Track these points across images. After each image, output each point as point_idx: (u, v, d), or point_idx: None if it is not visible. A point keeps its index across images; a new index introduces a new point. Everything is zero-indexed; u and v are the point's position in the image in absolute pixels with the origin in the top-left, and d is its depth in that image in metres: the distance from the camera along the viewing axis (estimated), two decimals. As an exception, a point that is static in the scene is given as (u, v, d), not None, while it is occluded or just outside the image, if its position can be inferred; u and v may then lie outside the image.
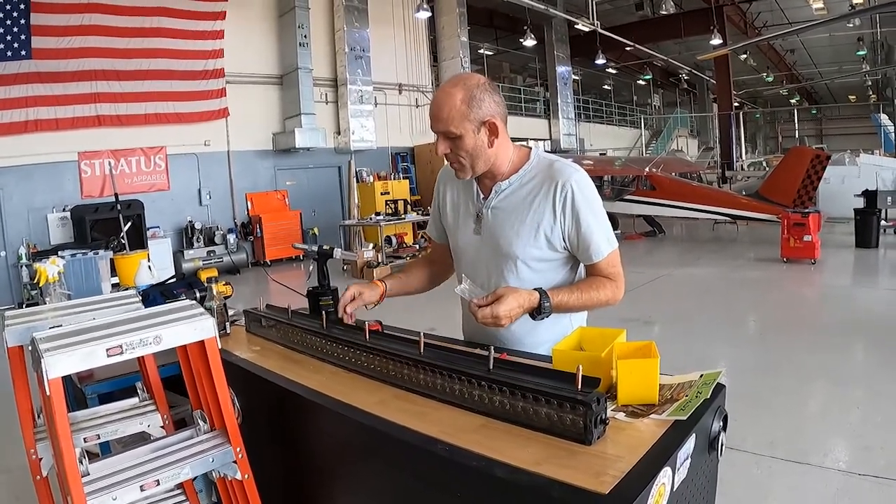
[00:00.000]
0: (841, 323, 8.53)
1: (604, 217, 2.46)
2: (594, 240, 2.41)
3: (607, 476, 1.49)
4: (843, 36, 30.82)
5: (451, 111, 2.28)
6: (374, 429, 1.97)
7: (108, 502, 1.95)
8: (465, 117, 2.28)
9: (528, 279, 2.46)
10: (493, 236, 2.51)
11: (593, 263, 2.46)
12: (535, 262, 2.47)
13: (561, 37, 28.96)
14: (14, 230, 14.19)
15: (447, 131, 2.32)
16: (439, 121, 2.32)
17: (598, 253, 2.43)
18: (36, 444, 2.46)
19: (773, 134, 53.38)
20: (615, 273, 2.49)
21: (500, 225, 2.49)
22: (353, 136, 19.94)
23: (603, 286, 2.46)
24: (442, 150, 2.40)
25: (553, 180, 2.39)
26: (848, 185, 16.60)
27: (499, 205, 2.49)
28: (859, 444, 4.96)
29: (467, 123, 2.29)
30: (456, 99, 2.28)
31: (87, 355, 1.90)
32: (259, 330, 3.19)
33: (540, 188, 2.42)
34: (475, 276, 2.59)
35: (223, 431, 2.25)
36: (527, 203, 2.43)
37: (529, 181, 2.46)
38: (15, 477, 5.23)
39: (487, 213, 2.52)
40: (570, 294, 2.39)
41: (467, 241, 2.64)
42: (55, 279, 4.06)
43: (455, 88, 2.30)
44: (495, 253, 2.51)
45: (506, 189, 2.48)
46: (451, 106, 2.28)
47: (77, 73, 14.77)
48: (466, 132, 2.31)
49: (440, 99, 2.33)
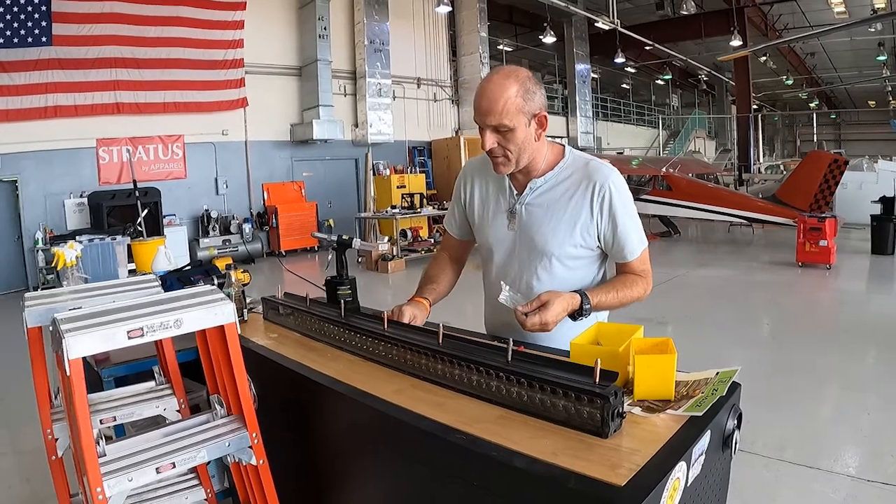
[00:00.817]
0: (854, 328, 8.48)
1: (637, 217, 2.48)
2: (630, 240, 2.45)
3: (623, 469, 1.49)
4: (863, 40, 30.59)
5: (506, 103, 2.23)
6: (391, 417, 1.97)
7: (124, 483, 1.96)
8: (519, 110, 2.25)
9: (560, 276, 2.48)
10: (528, 233, 2.50)
11: (627, 263, 2.50)
12: (570, 259, 2.48)
13: (581, 34, 28.86)
14: (31, 215, 14.30)
15: (500, 124, 2.27)
16: (493, 113, 2.26)
17: (632, 252, 2.48)
18: (52, 425, 2.48)
19: (791, 137, 53.11)
20: (646, 270, 2.55)
21: (535, 222, 2.47)
22: (370, 128, 20.00)
23: (635, 284, 2.49)
24: (490, 144, 2.34)
25: (591, 180, 2.39)
26: (865, 191, 16.46)
27: (534, 201, 2.48)
28: (869, 451, 4.94)
29: (521, 116, 2.26)
30: (511, 91, 2.23)
31: (107, 337, 1.91)
32: (276, 318, 3.21)
33: (577, 187, 2.41)
34: (506, 271, 2.59)
35: (239, 416, 2.26)
36: (563, 201, 2.43)
37: (565, 179, 2.45)
38: (26, 459, 5.28)
39: (522, 210, 2.50)
40: (606, 294, 2.40)
41: (500, 237, 2.61)
42: (73, 263, 4.07)
43: (508, 80, 2.25)
44: (530, 249, 2.50)
45: (541, 186, 2.47)
46: (507, 98, 2.23)
47: (97, 61, 14.87)
48: (519, 125, 2.27)
49: (493, 91, 2.26)
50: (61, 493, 2.59)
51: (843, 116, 50.96)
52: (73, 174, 14.91)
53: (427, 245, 16.27)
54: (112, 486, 1.92)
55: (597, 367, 1.73)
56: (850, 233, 16.60)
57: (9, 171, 14.08)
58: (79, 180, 14.92)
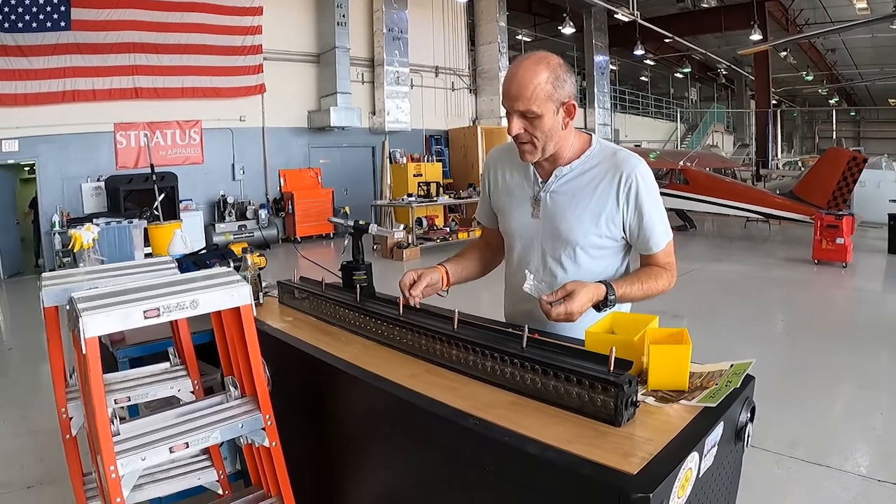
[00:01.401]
0: (869, 327, 8.43)
1: (663, 208, 2.46)
2: (656, 231, 2.43)
3: (636, 457, 1.49)
4: (885, 38, 30.27)
5: (536, 89, 2.21)
6: (405, 401, 1.98)
7: (137, 462, 1.98)
8: (549, 97, 2.23)
9: (584, 265, 2.46)
10: (552, 221, 2.47)
11: (652, 254, 2.49)
12: (594, 249, 2.45)
13: (600, 26, 28.70)
14: (48, 198, 14.40)
15: (528, 110, 2.25)
16: (522, 99, 2.23)
17: (658, 244, 2.46)
18: (67, 404, 2.50)
19: (811, 134, 52.67)
20: (670, 262, 2.52)
21: (560, 210, 2.45)
22: (387, 116, 19.99)
23: (660, 276, 2.47)
24: (517, 130, 2.31)
25: (618, 169, 2.37)
26: (884, 190, 16.34)
27: (559, 189, 2.45)
28: (881, 450, 4.92)
29: (550, 103, 2.24)
30: (541, 77, 2.21)
31: (124, 316, 1.93)
32: (292, 301, 3.22)
33: (604, 176, 2.39)
34: (529, 259, 2.57)
35: (253, 398, 2.28)
36: (589, 190, 2.40)
37: (592, 168, 2.42)
38: (39, 440, 5.32)
39: (546, 198, 2.48)
40: (631, 285, 2.39)
41: (523, 224, 2.58)
42: (90, 245, 4.10)
43: (539, 66, 2.23)
44: (554, 238, 2.48)
45: (567, 174, 2.44)
46: (537, 84, 2.21)
47: (115, 46, 14.92)
48: (547, 112, 2.25)
49: (523, 77, 2.23)
50: (74, 471, 2.61)
51: (863, 114, 50.54)
52: (91, 158, 14.99)
53: (442, 234, 16.26)
54: (125, 465, 1.94)
55: (611, 355, 1.73)
56: (866, 231, 16.47)
57: (27, 154, 14.17)
58: (96, 164, 14.99)
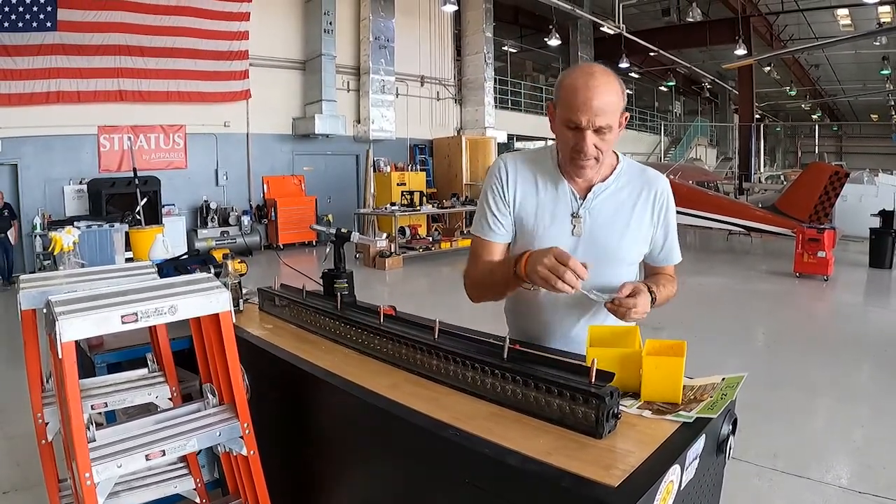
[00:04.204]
0: (850, 341, 8.48)
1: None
2: (675, 245, 2.55)
3: (617, 469, 1.49)
4: (868, 54, 30.60)
5: (613, 101, 2.15)
6: (385, 411, 1.97)
7: (113, 469, 1.96)
8: (618, 109, 2.18)
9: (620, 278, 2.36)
10: (595, 237, 2.39)
11: (667, 266, 2.59)
12: (632, 263, 2.50)
13: (586, 38, 28.90)
14: (30, 200, 14.31)
15: (608, 125, 2.17)
16: (604, 113, 2.14)
17: (677, 256, 2.58)
18: (43, 409, 2.47)
19: (793, 148, 52.99)
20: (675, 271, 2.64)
21: (604, 226, 2.39)
22: (372, 125, 20.05)
23: (672, 283, 2.54)
24: (590, 147, 2.19)
25: (652, 187, 2.43)
26: (865, 204, 16.45)
27: (600, 206, 2.39)
28: (861, 462, 4.94)
29: (618, 116, 2.20)
30: (616, 88, 2.17)
31: (101, 321, 1.91)
32: (272, 309, 3.20)
33: (640, 193, 2.41)
34: None
35: (231, 406, 2.26)
36: (628, 206, 2.40)
37: (626, 185, 2.41)
38: (17, 444, 5.26)
39: (587, 215, 2.39)
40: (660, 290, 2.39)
41: (562, 241, 2.37)
42: (70, 248, 4.06)
43: (612, 78, 2.17)
44: (598, 254, 2.36)
45: (605, 190, 2.39)
46: (614, 95, 2.15)
47: (101, 47, 14.86)
48: (615, 125, 2.20)
49: (603, 89, 2.14)
50: (50, 478, 2.58)
51: (846, 129, 50.92)
52: (74, 160, 14.92)
53: (425, 243, 16.27)
54: (100, 472, 1.92)
55: (592, 367, 1.73)
56: (848, 245, 16.60)
57: (9, 155, 14.07)
58: (79, 167, 14.92)
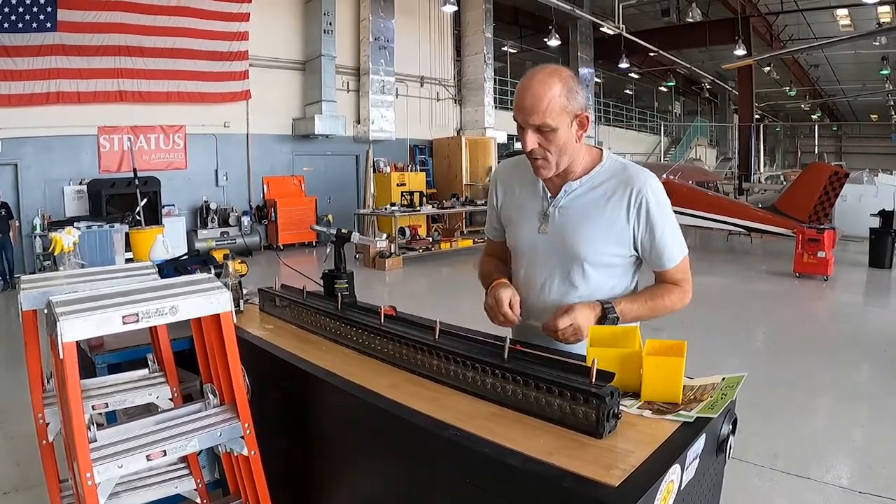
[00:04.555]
0: (850, 340, 8.48)
1: (676, 223, 2.40)
2: (668, 248, 2.38)
3: (618, 469, 1.49)
4: (868, 54, 30.60)
5: (551, 102, 2.17)
6: (385, 411, 1.97)
7: (114, 470, 1.96)
8: (563, 109, 2.19)
9: (594, 282, 2.41)
10: (561, 236, 2.41)
11: (665, 271, 2.44)
12: (604, 266, 2.40)
13: (585, 38, 28.87)
14: (30, 201, 14.29)
15: (544, 123, 2.20)
16: (536, 112, 2.19)
17: (671, 260, 2.40)
18: (44, 409, 2.47)
19: (793, 148, 52.96)
20: (683, 279, 2.47)
21: (569, 225, 2.39)
22: (372, 125, 20.06)
23: (669, 292, 2.44)
24: (532, 144, 2.25)
25: (628, 185, 2.33)
26: (865, 204, 16.43)
27: (569, 204, 2.40)
28: (861, 462, 4.94)
29: (565, 116, 2.20)
30: (556, 90, 2.17)
31: (102, 321, 1.91)
32: (273, 309, 3.20)
33: (614, 191, 2.34)
34: (536, 275, 2.52)
35: (232, 406, 2.26)
36: (599, 205, 2.35)
37: (602, 183, 2.37)
38: (17, 444, 5.26)
39: (555, 213, 2.42)
40: (633, 302, 2.36)
41: (531, 239, 2.50)
42: (70, 249, 4.06)
43: (552, 79, 2.20)
44: (562, 254, 2.41)
45: (576, 189, 2.39)
46: (552, 97, 2.17)
47: (101, 48, 14.85)
48: (562, 125, 2.21)
49: (538, 89, 2.19)
50: (51, 478, 2.58)
51: (845, 129, 50.90)
52: (74, 161, 14.90)
53: (425, 244, 16.27)
54: (101, 473, 1.92)
55: (593, 367, 1.73)
56: (848, 245, 16.59)
57: (9, 156, 14.06)
58: (79, 167, 14.91)
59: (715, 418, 1.77)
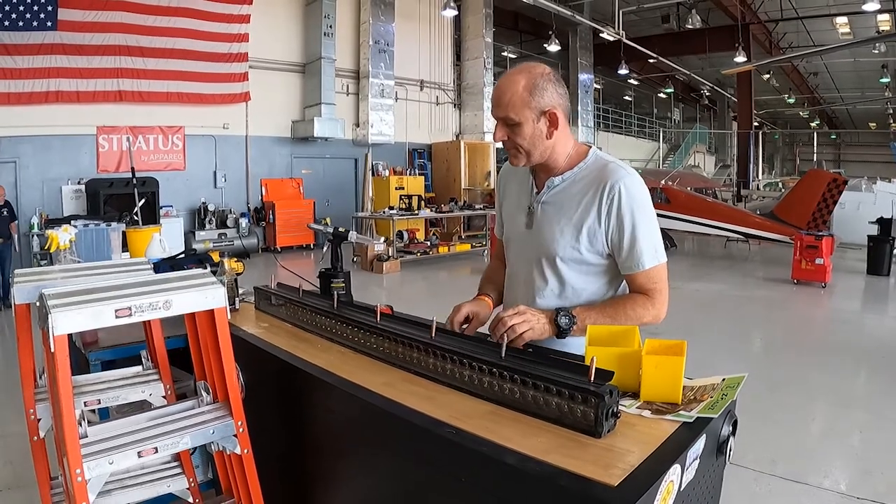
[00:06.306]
0: (847, 346, 8.48)
1: (652, 226, 2.32)
2: (637, 248, 2.29)
3: (616, 469, 1.47)
4: (867, 62, 30.67)
5: (512, 97, 2.24)
6: (380, 409, 1.95)
7: (105, 466, 1.93)
8: (525, 104, 2.23)
9: (569, 281, 2.39)
10: (540, 232, 2.43)
11: (633, 275, 2.34)
12: (576, 263, 2.38)
13: (585, 44, 28.93)
14: (28, 200, 14.26)
15: (507, 117, 2.27)
16: (500, 106, 2.27)
17: (639, 263, 2.30)
18: (35, 405, 2.45)
19: (791, 156, 53.07)
20: (655, 290, 2.35)
21: (547, 221, 2.41)
22: (371, 129, 20.05)
23: (634, 302, 2.35)
24: (499, 137, 2.34)
25: (603, 181, 2.29)
26: (863, 212, 16.45)
27: (549, 200, 2.41)
28: (859, 468, 4.94)
29: (527, 111, 2.24)
30: (519, 85, 2.23)
31: (95, 314, 1.89)
32: (268, 308, 3.19)
33: (590, 188, 2.32)
34: (518, 270, 2.56)
35: (226, 404, 2.24)
36: (575, 201, 2.34)
37: (581, 179, 2.36)
38: (9, 442, 5.24)
39: (538, 208, 2.44)
40: (591, 310, 2.32)
41: (517, 234, 2.55)
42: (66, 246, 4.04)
43: (520, 75, 2.25)
44: (539, 249, 2.43)
45: (558, 185, 2.40)
46: (514, 92, 2.23)
47: (101, 48, 14.85)
48: (526, 120, 2.25)
49: (503, 84, 2.28)
50: (41, 475, 2.55)
51: (844, 137, 51.08)
52: (72, 160, 14.89)
53: (423, 248, 16.24)
54: (92, 468, 1.89)
55: (592, 366, 1.71)
56: (846, 252, 16.61)
57: (8, 154, 14.03)
58: (77, 167, 14.89)
59: (715, 419, 1.75)
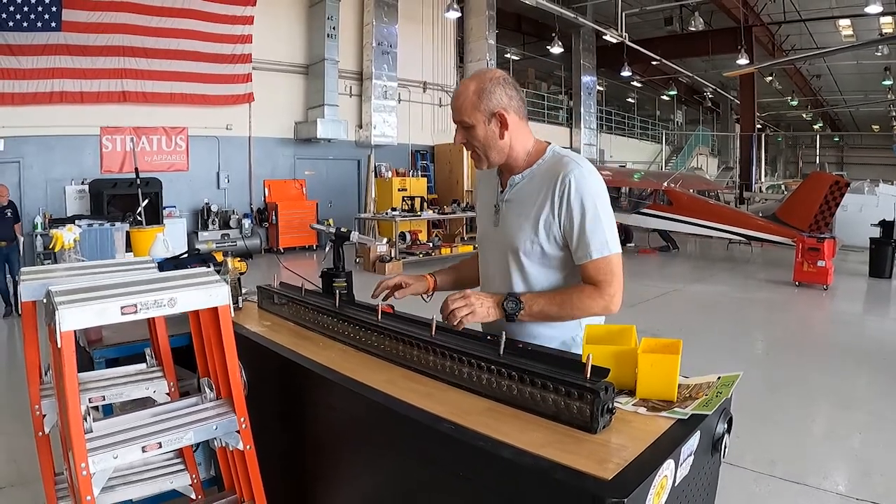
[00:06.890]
0: (848, 348, 8.48)
1: (606, 217, 2.31)
2: (586, 238, 2.28)
3: (611, 463, 1.50)
4: (870, 64, 30.63)
5: (464, 101, 2.36)
6: (381, 406, 1.98)
7: (109, 460, 1.96)
8: (475, 108, 2.34)
9: (533, 276, 2.43)
10: (504, 229, 2.49)
11: (583, 265, 2.32)
12: (538, 257, 2.40)
13: (588, 46, 28.92)
14: (32, 200, 14.28)
15: (461, 120, 2.39)
16: (455, 110, 2.40)
17: (587, 254, 2.29)
18: (41, 401, 2.47)
19: (794, 158, 53.06)
20: (605, 281, 2.31)
21: (510, 217, 2.47)
22: (374, 130, 20.03)
23: (581, 291, 2.33)
24: (458, 140, 2.46)
25: (556, 173, 2.33)
26: (865, 214, 16.41)
27: (511, 197, 2.48)
28: (859, 469, 4.94)
29: (478, 114, 2.35)
30: (469, 90, 2.35)
31: (101, 311, 1.92)
32: (271, 306, 3.21)
33: (545, 182, 2.36)
34: (486, 268, 2.65)
35: (229, 400, 2.26)
36: (532, 196, 2.39)
37: (540, 175, 2.41)
38: (12, 439, 5.25)
39: (503, 206, 2.51)
40: (541, 296, 2.35)
41: (486, 232, 2.64)
42: (71, 245, 4.07)
43: (472, 81, 2.39)
44: (505, 246, 2.48)
45: (518, 182, 2.46)
46: (466, 97, 2.36)
47: (105, 48, 14.88)
48: (478, 122, 2.36)
49: (458, 90, 2.41)
50: (46, 470, 2.58)
51: (847, 140, 51.00)
52: (76, 161, 14.91)
53: (425, 249, 16.23)
54: (97, 463, 1.92)
55: (588, 362, 1.73)
56: (848, 255, 16.60)
57: (12, 154, 14.05)
58: (81, 167, 14.92)
59: (710, 416, 1.77)
